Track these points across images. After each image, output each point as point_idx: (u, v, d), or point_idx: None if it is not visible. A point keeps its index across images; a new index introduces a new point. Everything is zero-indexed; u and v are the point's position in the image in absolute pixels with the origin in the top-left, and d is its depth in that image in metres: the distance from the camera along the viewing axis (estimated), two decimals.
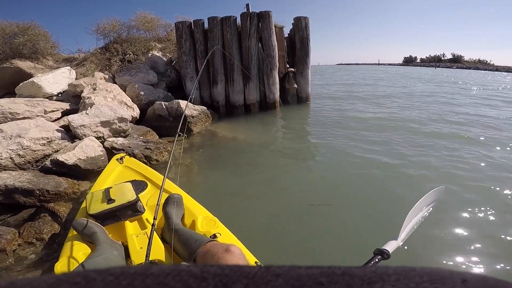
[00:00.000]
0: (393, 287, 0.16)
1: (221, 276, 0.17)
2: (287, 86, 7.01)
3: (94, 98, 4.37)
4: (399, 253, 1.14)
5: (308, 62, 7.02)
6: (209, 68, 6.37)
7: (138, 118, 5.05)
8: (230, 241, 1.37)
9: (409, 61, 52.40)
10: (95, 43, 8.65)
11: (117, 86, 5.30)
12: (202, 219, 1.56)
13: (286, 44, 7.32)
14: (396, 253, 1.05)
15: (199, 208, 1.69)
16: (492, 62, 37.19)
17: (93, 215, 1.52)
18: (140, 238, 1.47)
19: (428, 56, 49.11)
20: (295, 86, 7.05)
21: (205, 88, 6.50)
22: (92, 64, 6.31)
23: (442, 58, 44.18)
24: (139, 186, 1.90)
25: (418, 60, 51.47)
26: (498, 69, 29.00)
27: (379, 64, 58.12)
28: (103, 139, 3.63)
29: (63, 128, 3.64)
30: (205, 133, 4.97)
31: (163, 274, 0.17)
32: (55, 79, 5.12)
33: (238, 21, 6.27)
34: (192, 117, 5.04)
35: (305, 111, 6.79)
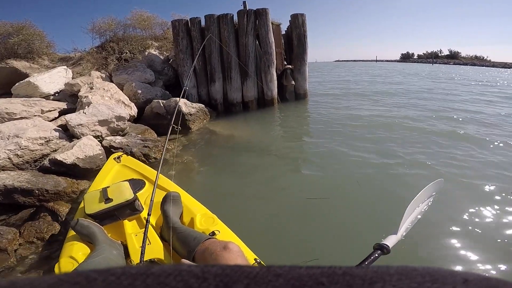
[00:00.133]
0: (395, 287, 0.16)
1: (222, 276, 0.17)
2: (285, 83, 7.02)
3: (92, 97, 4.35)
4: (399, 248, 1.12)
5: (306, 59, 7.03)
6: (207, 66, 6.36)
7: (136, 117, 5.05)
8: (229, 238, 1.37)
9: (407, 58, 52.35)
10: (91, 42, 8.58)
11: (114, 85, 5.28)
12: (201, 217, 1.55)
13: (284, 41, 7.32)
14: (396, 248, 1.03)
15: (198, 206, 1.68)
16: (489, 58, 37.27)
17: (91, 215, 1.51)
18: (139, 237, 1.46)
19: (425, 53, 49.07)
20: (293, 83, 7.07)
21: (203, 86, 6.49)
22: (89, 63, 6.28)
23: (439, 55, 44.16)
24: (137, 185, 1.89)
25: (415, 57, 51.43)
26: (495, 65, 29.10)
27: (377, 61, 58.09)
28: (101, 138, 3.63)
29: (61, 128, 3.63)
30: (204, 131, 4.97)
31: (164, 274, 0.17)
32: (52, 79, 5.09)
33: (235, 19, 6.26)
34: (190, 115, 5.03)
35: (303, 108, 6.80)
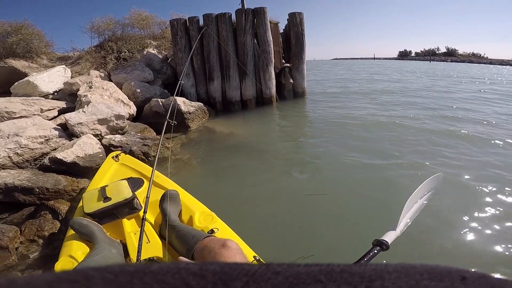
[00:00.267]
0: (393, 285, 0.16)
1: (221, 274, 0.17)
2: (283, 81, 7.04)
3: (91, 96, 4.37)
4: (398, 244, 1.12)
5: (304, 57, 7.05)
6: (205, 65, 6.37)
7: (135, 115, 5.06)
8: (228, 236, 1.37)
9: (404, 55, 52.42)
10: (90, 42, 8.57)
11: (113, 84, 5.28)
12: (200, 215, 1.56)
13: (282, 40, 7.32)
14: (395, 244, 1.03)
15: (196, 204, 1.69)
16: (486, 55, 37.40)
17: (90, 214, 1.51)
18: (138, 236, 1.46)
19: (423, 50, 49.16)
20: (291, 81, 7.09)
21: (202, 85, 6.50)
22: (87, 63, 6.28)
23: (437, 52, 44.25)
24: (136, 183, 1.89)
25: (413, 54, 51.52)
26: (492, 62, 29.18)
27: (375, 59, 58.01)
28: (101, 137, 3.65)
29: (60, 127, 3.65)
30: (202, 130, 5.00)
31: (162, 272, 0.17)
32: (51, 78, 5.10)
33: (233, 18, 6.26)
34: (189, 113, 5.05)
35: (301, 106, 6.83)
